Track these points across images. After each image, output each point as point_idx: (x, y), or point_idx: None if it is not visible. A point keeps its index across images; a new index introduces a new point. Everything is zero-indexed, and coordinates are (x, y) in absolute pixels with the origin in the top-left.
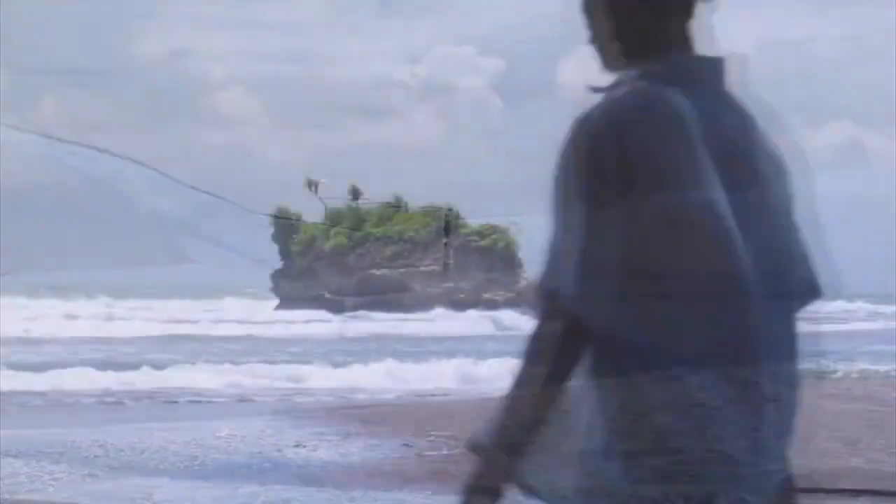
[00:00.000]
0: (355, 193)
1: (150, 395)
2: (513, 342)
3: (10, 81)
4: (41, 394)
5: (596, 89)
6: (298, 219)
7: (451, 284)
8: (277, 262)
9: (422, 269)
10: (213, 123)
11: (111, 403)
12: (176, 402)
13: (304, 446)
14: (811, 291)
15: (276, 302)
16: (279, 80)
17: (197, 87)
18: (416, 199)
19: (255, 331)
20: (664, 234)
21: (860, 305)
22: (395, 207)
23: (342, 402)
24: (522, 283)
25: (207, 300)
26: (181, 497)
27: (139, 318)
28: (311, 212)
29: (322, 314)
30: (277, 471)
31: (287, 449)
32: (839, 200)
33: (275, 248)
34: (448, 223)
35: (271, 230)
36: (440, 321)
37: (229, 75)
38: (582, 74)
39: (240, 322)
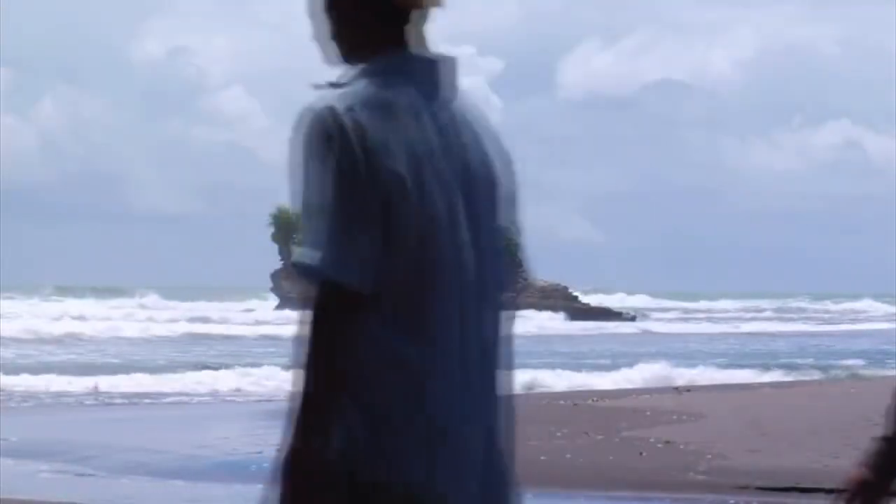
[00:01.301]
0: None
1: (150, 396)
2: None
3: (11, 81)
4: (42, 394)
5: (319, 86)
6: (298, 219)
7: None
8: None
9: None
10: (212, 123)
11: (111, 404)
12: (175, 402)
13: None
14: (510, 289)
15: (276, 302)
16: (279, 79)
17: (197, 86)
18: None
19: (256, 331)
20: (379, 216)
21: (869, 304)
22: None
23: None
24: (521, 282)
25: (206, 301)
26: (180, 497)
27: (138, 319)
28: None
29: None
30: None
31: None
32: (840, 200)
33: (275, 247)
34: None
35: (271, 230)
36: None
37: (229, 75)
38: (580, 74)
39: (240, 323)
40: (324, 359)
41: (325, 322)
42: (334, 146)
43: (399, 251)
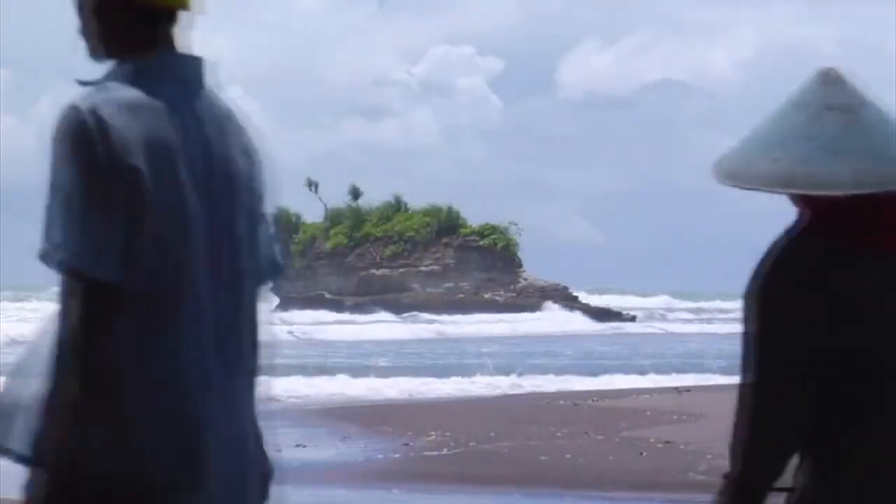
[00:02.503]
0: (355, 193)
1: None
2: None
3: (11, 81)
4: None
5: (83, 82)
6: (298, 219)
7: (451, 284)
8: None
9: (422, 269)
10: None
11: None
12: None
13: (304, 446)
14: (274, 269)
15: (276, 302)
16: (279, 80)
17: None
18: (416, 199)
19: None
20: (122, 210)
21: None
22: (395, 207)
23: (342, 403)
24: (522, 282)
25: None
26: None
27: None
28: (311, 212)
29: (322, 315)
30: (277, 471)
31: (287, 449)
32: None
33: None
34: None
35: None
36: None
37: (229, 75)
38: (580, 74)
39: None
40: (78, 354)
41: (77, 315)
42: (76, 142)
43: (141, 246)
